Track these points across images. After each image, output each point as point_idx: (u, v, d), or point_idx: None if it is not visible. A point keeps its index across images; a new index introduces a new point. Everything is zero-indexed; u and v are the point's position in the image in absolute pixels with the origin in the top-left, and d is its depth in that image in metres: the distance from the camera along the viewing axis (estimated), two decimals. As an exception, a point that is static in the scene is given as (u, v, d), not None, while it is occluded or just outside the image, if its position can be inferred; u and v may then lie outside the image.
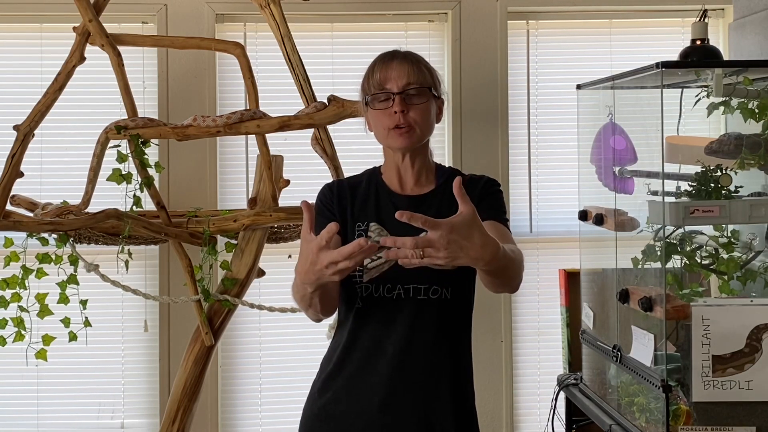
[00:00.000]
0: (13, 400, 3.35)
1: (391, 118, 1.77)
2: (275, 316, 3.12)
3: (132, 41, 2.91)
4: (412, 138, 1.78)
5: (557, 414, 2.77)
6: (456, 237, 1.42)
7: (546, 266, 3.45)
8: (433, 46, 3.49)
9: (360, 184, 1.88)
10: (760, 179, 2.38)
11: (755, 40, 2.68)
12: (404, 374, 1.75)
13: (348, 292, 1.80)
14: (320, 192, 1.89)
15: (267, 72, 3.32)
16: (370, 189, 1.86)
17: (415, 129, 1.77)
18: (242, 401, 3.44)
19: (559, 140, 3.45)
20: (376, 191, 1.85)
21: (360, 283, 1.78)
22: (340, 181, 1.95)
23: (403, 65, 1.79)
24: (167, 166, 3.30)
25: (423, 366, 1.76)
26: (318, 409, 1.82)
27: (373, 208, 1.82)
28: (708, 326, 2.06)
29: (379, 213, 1.82)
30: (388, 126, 1.77)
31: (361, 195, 1.85)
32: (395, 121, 1.76)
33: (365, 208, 1.83)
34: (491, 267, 1.49)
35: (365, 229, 1.80)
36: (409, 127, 1.76)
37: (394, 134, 1.77)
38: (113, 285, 2.81)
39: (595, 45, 3.53)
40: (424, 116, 1.79)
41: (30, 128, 2.71)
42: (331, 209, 1.84)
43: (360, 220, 1.82)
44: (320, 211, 1.85)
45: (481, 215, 1.65)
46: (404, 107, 1.76)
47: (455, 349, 1.81)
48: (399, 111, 1.75)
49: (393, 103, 1.76)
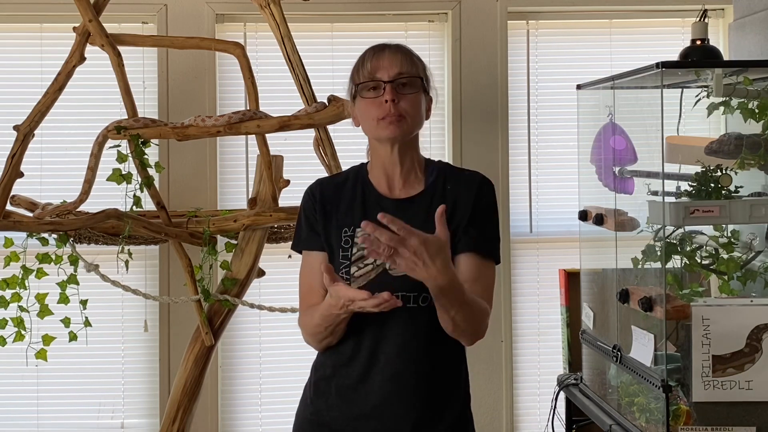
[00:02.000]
0: (13, 400, 3.35)
1: (381, 108, 1.74)
2: (275, 316, 3.12)
3: (132, 41, 2.91)
4: (402, 128, 1.75)
5: (557, 414, 2.77)
6: (423, 250, 1.52)
7: (546, 266, 3.45)
8: (433, 46, 3.49)
9: (345, 183, 1.84)
10: (760, 179, 2.38)
11: (755, 40, 2.68)
12: (396, 381, 1.73)
13: None
14: (303, 199, 1.86)
15: (267, 72, 3.32)
16: (357, 190, 1.82)
17: (405, 119, 1.74)
18: (242, 401, 3.44)
19: (559, 140, 3.45)
20: (363, 193, 1.81)
21: None
22: (323, 182, 1.88)
23: (395, 55, 1.77)
24: (167, 166, 3.30)
25: (415, 373, 1.74)
26: (311, 414, 1.82)
27: (361, 210, 1.79)
28: (708, 326, 2.06)
29: (366, 217, 1.74)
30: (377, 116, 1.75)
31: (346, 197, 1.82)
32: (385, 111, 1.73)
33: (352, 212, 1.79)
34: (442, 293, 1.60)
35: (351, 234, 1.77)
36: (399, 117, 1.74)
37: (383, 124, 1.74)
38: (113, 285, 2.81)
39: (595, 45, 3.53)
40: (415, 107, 1.76)
41: (30, 128, 2.71)
42: (315, 219, 1.81)
43: (347, 224, 1.78)
44: (305, 223, 1.83)
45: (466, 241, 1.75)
46: (395, 96, 1.73)
47: (447, 356, 1.78)
48: (390, 100, 1.72)
49: (383, 92, 1.74)
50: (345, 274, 1.74)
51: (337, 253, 1.77)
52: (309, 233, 1.83)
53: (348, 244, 1.76)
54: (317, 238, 1.81)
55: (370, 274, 1.73)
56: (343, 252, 1.76)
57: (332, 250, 1.78)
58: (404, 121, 1.75)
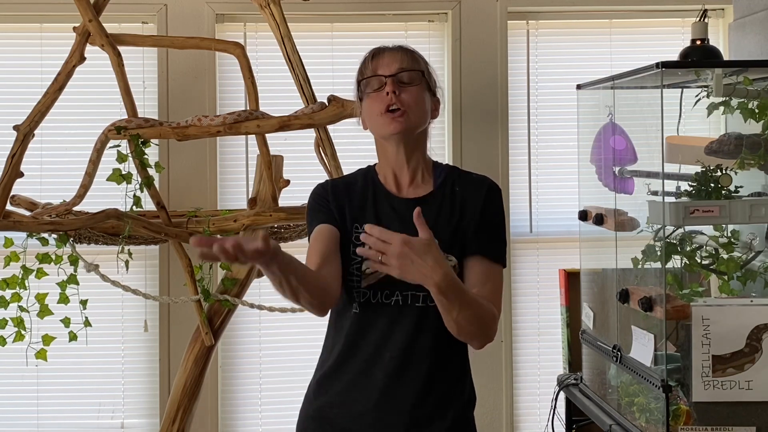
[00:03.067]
0: (13, 400, 3.35)
1: (383, 101, 1.75)
2: (275, 316, 3.12)
3: (132, 41, 2.91)
4: (405, 122, 1.75)
5: (557, 414, 2.77)
6: (408, 251, 1.55)
7: (546, 266, 3.45)
8: (433, 46, 3.49)
9: (355, 183, 1.85)
10: (760, 179, 2.38)
11: (755, 40, 2.68)
12: (401, 379, 1.74)
13: (346, 297, 1.79)
14: (314, 191, 1.87)
15: (267, 72, 3.32)
16: (368, 189, 1.84)
17: (407, 113, 1.75)
18: (242, 401, 3.44)
19: (559, 140, 3.45)
20: (373, 192, 1.83)
21: (358, 289, 1.76)
22: (334, 180, 1.93)
23: (396, 52, 1.79)
24: (167, 166, 3.30)
25: (420, 372, 1.75)
26: (314, 410, 1.82)
27: (372, 210, 1.80)
28: (708, 326, 2.06)
29: (379, 216, 1.79)
30: (380, 110, 1.76)
31: (357, 195, 1.83)
32: (387, 102, 1.74)
33: (364, 210, 1.81)
34: (441, 293, 1.60)
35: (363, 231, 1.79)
36: (401, 111, 1.74)
37: (387, 118, 1.75)
38: (113, 285, 2.81)
39: (595, 45, 3.53)
40: (417, 100, 1.77)
41: (30, 128, 2.71)
42: (328, 206, 1.81)
43: (359, 221, 1.79)
44: (317, 208, 1.83)
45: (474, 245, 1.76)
46: (396, 88, 1.75)
47: (453, 356, 1.79)
48: (391, 91, 1.74)
49: (385, 86, 1.75)
50: (356, 270, 1.76)
51: (349, 249, 1.78)
52: (320, 212, 1.81)
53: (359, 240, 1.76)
54: (330, 214, 1.80)
55: (380, 273, 1.73)
56: (353, 248, 1.76)
57: (345, 243, 1.79)
58: (407, 116, 1.75)
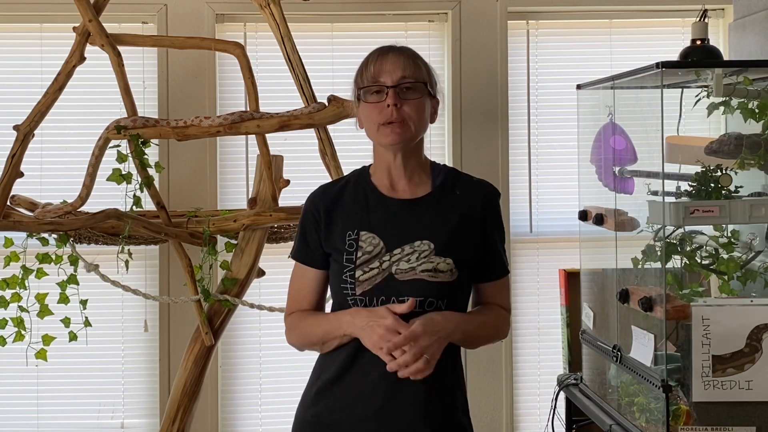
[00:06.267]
0: (13, 400, 3.35)
1: (383, 112, 1.71)
2: (275, 316, 3.10)
3: (132, 41, 2.91)
4: (404, 135, 1.72)
5: (557, 414, 2.77)
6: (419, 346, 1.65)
7: (546, 266, 3.45)
8: (433, 46, 3.49)
9: (346, 187, 1.83)
10: (760, 179, 2.38)
11: (755, 40, 2.68)
12: (400, 385, 1.72)
13: (341, 305, 1.77)
14: (306, 203, 1.86)
15: (267, 72, 3.32)
16: (359, 193, 1.81)
17: (408, 125, 1.72)
18: (242, 401, 3.44)
19: (559, 140, 3.45)
20: (365, 195, 1.80)
21: (353, 297, 1.74)
22: (326, 188, 1.87)
23: (398, 59, 1.74)
24: (167, 166, 3.30)
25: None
26: (311, 416, 1.80)
27: (364, 213, 1.78)
28: (708, 326, 2.06)
29: (370, 219, 1.76)
30: (379, 121, 1.72)
31: (348, 200, 1.80)
32: (387, 116, 1.71)
33: (354, 215, 1.78)
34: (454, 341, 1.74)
35: (356, 238, 1.75)
36: (402, 122, 1.71)
37: (385, 130, 1.72)
38: (113, 285, 2.81)
39: (595, 45, 3.53)
40: (419, 112, 1.73)
41: (30, 128, 2.71)
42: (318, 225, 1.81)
43: (350, 228, 1.77)
44: (304, 230, 1.83)
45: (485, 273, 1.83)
46: (397, 101, 1.70)
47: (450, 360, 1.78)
48: (392, 104, 1.70)
49: (386, 96, 1.71)
50: (350, 277, 1.73)
51: (341, 257, 1.75)
52: (301, 244, 1.85)
53: (352, 247, 1.75)
54: (308, 252, 1.83)
55: (375, 279, 1.72)
56: (347, 255, 1.74)
57: (337, 253, 1.77)
58: (407, 128, 1.73)
